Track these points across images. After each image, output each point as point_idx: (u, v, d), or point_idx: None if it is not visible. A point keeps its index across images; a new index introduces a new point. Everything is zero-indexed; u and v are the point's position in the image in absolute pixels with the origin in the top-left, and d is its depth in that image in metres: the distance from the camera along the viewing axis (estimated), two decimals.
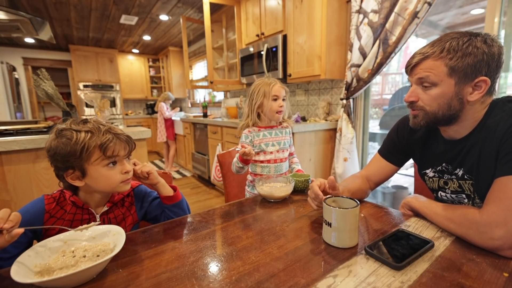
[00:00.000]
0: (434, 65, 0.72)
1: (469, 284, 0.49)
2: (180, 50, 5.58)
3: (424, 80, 0.74)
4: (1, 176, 1.30)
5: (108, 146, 0.70)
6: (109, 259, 0.53)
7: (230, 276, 0.54)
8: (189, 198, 3.21)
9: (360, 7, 1.94)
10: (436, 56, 0.71)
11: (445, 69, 0.71)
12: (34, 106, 5.48)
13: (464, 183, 0.80)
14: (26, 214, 0.68)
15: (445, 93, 0.73)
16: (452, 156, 0.82)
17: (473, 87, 0.72)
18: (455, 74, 0.71)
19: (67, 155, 0.68)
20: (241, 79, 3.13)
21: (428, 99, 0.75)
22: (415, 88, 0.78)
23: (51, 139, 0.71)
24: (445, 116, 0.75)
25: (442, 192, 0.88)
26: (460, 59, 0.69)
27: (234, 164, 1.22)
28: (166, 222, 0.82)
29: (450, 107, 0.74)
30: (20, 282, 0.46)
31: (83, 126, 0.71)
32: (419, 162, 0.94)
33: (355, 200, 0.67)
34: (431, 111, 0.76)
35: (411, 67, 0.77)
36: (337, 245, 0.64)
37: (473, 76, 0.70)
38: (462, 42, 0.69)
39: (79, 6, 3.40)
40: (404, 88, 2.35)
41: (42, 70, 1.68)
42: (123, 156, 0.75)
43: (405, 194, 2.35)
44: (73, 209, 0.76)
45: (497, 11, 1.46)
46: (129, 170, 0.76)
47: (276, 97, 1.24)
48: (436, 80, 0.72)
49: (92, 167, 0.71)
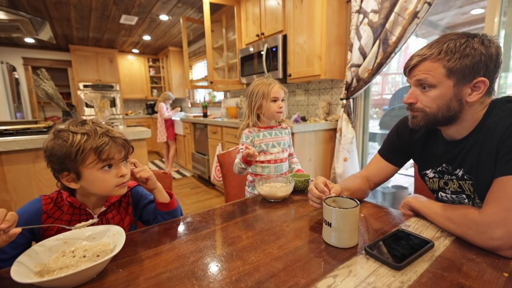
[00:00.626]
0: (432, 66, 0.72)
1: (469, 284, 0.49)
2: (180, 50, 5.58)
3: (423, 82, 0.74)
4: (1, 176, 1.30)
5: (103, 150, 0.69)
6: (109, 259, 0.53)
7: (230, 276, 0.54)
8: (189, 198, 3.21)
9: (360, 7, 1.94)
10: (434, 58, 0.72)
11: (443, 71, 0.71)
12: (34, 106, 5.48)
13: (464, 183, 0.81)
14: (24, 215, 0.68)
15: (444, 94, 0.73)
16: (452, 157, 0.82)
17: (472, 88, 0.72)
18: (454, 75, 0.71)
19: (62, 157, 0.67)
20: (241, 79, 3.13)
21: (427, 101, 0.76)
22: (414, 90, 0.78)
23: (49, 139, 0.70)
24: (445, 117, 0.75)
25: (442, 192, 0.88)
26: (458, 61, 0.69)
27: (237, 165, 1.21)
28: (166, 222, 0.82)
29: (450, 108, 0.74)
30: (20, 282, 0.46)
31: (80, 128, 0.70)
32: (419, 163, 0.94)
33: (355, 200, 0.67)
34: (430, 113, 0.76)
35: (409, 68, 0.77)
36: (337, 245, 0.63)
37: (471, 77, 0.70)
38: (459, 44, 0.70)
39: (79, 6, 3.40)
40: (404, 88, 2.35)
41: (42, 70, 1.68)
42: (119, 159, 0.73)
43: (405, 194, 2.35)
44: (70, 209, 0.76)
45: (497, 11, 1.46)
46: (124, 174, 0.74)
47: (275, 99, 1.24)
48: (435, 81, 0.72)
49: (87, 170, 0.70)
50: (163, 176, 1.07)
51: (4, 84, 4.42)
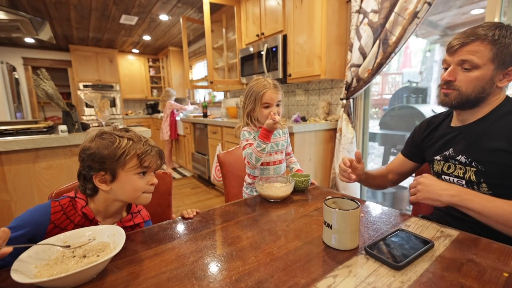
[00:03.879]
0: (481, 48, 0.75)
1: (469, 284, 0.49)
2: (180, 50, 5.58)
3: (467, 62, 0.77)
4: (1, 176, 1.30)
5: (146, 157, 0.74)
6: (109, 259, 0.53)
7: (230, 276, 0.54)
8: (189, 198, 3.21)
9: (360, 7, 1.94)
10: (485, 40, 0.74)
11: (490, 54, 0.75)
12: (34, 106, 5.48)
13: (469, 169, 0.83)
14: (29, 223, 0.65)
15: (484, 76, 0.77)
16: (458, 141, 0.86)
17: (503, 74, 0.77)
18: (497, 60, 0.75)
19: (105, 157, 0.70)
20: (241, 79, 3.13)
21: (466, 81, 0.79)
22: (455, 68, 0.81)
23: (90, 139, 0.73)
24: (477, 97, 0.79)
25: (445, 176, 0.91)
26: (506, 47, 0.74)
27: (253, 152, 1.11)
28: (166, 222, 0.82)
29: (484, 90, 0.78)
30: (20, 282, 0.46)
31: (125, 134, 0.75)
32: (429, 151, 0.98)
33: (355, 201, 0.67)
34: (465, 92, 0.79)
35: (458, 47, 0.79)
36: (337, 247, 0.63)
37: (508, 65, 0.75)
38: (509, 32, 0.74)
39: (79, 6, 3.40)
40: (404, 88, 2.35)
41: (42, 70, 1.68)
42: (154, 168, 0.79)
43: (405, 194, 2.35)
44: (82, 220, 0.74)
45: (497, 11, 1.46)
46: (155, 183, 0.78)
47: (267, 105, 1.17)
48: (480, 63, 0.76)
49: (125, 173, 0.72)
50: (163, 176, 1.07)
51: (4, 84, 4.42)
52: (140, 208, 0.87)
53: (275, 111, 1.17)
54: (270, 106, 1.17)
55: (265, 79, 1.21)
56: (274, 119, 1.06)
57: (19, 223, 0.64)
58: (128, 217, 0.82)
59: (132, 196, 0.75)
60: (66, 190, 0.87)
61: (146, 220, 0.88)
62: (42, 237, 0.66)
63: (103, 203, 0.76)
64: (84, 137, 0.75)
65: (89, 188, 0.75)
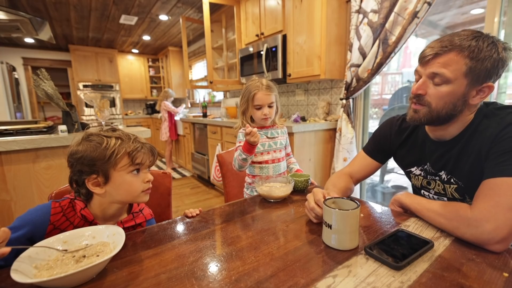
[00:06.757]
0: (455, 60, 0.68)
1: (469, 284, 0.49)
2: (179, 50, 5.57)
3: (438, 76, 0.71)
4: (1, 176, 1.30)
5: (136, 154, 0.73)
6: (109, 259, 0.53)
7: (230, 276, 0.54)
8: (189, 198, 3.21)
9: (359, 7, 1.94)
10: (459, 51, 0.67)
11: (464, 68, 0.68)
12: (34, 106, 5.48)
13: (448, 187, 0.81)
14: (29, 223, 0.65)
15: (455, 92, 0.71)
16: (437, 158, 0.82)
17: (477, 91, 0.71)
18: (471, 75, 0.68)
19: (94, 159, 0.69)
20: (240, 79, 3.13)
21: (436, 96, 0.72)
22: (425, 81, 0.74)
23: (77, 143, 0.71)
24: (447, 115, 0.74)
25: (425, 191, 0.89)
26: (481, 62, 0.67)
27: (236, 159, 1.17)
28: (166, 222, 0.82)
29: (455, 107, 0.72)
30: (20, 282, 0.46)
31: (112, 133, 0.73)
32: (404, 161, 0.95)
33: (355, 201, 0.66)
34: (435, 109, 0.73)
35: (430, 57, 0.71)
36: (337, 247, 0.63)
37: (482, 81, 0.69)
38: (487, 44, 0.67)
39: (79, 6, 3.40)
40: (403, 88, 2.35)
41: (42, 70, 1.68)
42: (147, 165, 0.77)
43: None
44: (81, 222, 0.73)
45: (497, 11, 1.46)
46: (150, 179, 0.77)
47: (259, 106, 1.19)
48: (451, 77, 0.69)
49: (117, 173, 0.71)
50: (162, 176, 1.07)
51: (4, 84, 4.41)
52: (142, 207, 0.86)
53: (266, 112, 1.20)
54: (262, 107, 1.20)
55: (260, 80, 1.22)
56: (249, 132, 1.04)
57: (20, 223, 0.64)
58: (129, 217, 0.81)
59: (129, 196, 0.74)
60: (66, 190, 0.87)
61: (149, 219, 0.87)
62: (42, 237, 0.66)
63: (98, 207, 0.75)
64: (71, 141, 0.73)
65: (83, 193, 0.73)
